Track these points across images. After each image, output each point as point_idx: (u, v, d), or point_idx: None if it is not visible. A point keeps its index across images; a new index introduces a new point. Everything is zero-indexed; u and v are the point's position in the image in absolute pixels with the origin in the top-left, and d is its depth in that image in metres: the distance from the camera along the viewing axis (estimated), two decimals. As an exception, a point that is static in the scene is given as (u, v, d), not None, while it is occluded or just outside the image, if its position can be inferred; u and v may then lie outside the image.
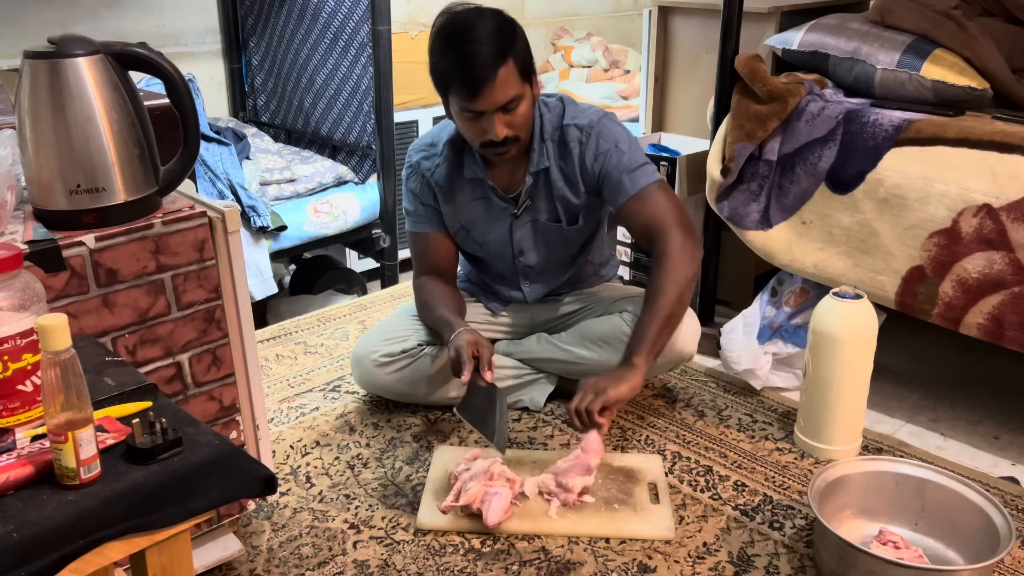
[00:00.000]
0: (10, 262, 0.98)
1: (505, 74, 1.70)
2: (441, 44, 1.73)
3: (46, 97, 1.26)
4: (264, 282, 2.64)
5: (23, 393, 1.00)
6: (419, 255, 2.05)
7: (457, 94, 1.72)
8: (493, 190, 1.93)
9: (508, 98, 1.72)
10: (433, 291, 1.99)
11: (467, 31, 1.69)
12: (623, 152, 1.86)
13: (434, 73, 1.77)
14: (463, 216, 1.99)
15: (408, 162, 2.01)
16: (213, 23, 3.25)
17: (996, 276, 1.85)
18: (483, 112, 1.73)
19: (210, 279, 1.42)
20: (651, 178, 1.86)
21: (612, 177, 1.87)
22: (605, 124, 1.89)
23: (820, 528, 1.53)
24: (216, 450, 0.98)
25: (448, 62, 1.71)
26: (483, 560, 1.59)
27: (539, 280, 2.09)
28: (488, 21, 1.71)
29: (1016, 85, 2.11)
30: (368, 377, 2.04)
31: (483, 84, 1.68)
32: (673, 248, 1.80)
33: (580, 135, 1.88)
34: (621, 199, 1.87)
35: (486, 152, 1.83)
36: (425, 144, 1.99)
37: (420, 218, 2.01)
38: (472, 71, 1.67)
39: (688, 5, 2.70)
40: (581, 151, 1.88)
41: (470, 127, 1.78)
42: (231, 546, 1.56)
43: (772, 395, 2.19)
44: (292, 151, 3.13)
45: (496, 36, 1.70)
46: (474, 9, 1.75)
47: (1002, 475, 1.90)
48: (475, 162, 1.92)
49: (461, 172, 1.94)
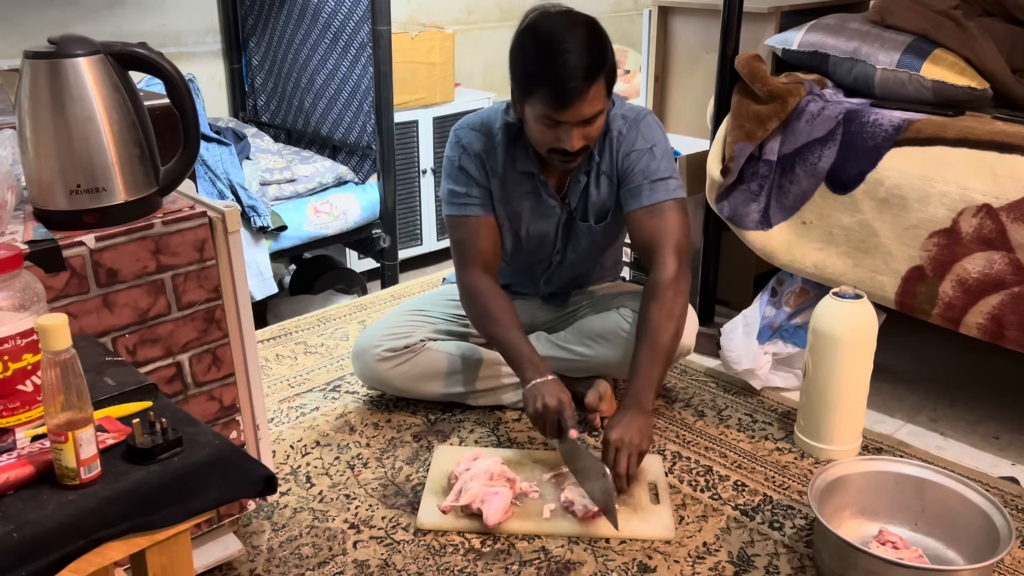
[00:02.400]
0: (10, 262, 0.98)
1: (596, 91, 1.67)
2: (534, 46, 1.68)
3: (46, 97, 1.26)
4: (264, 282, 2.64)
5: (23, 393, 1.00)
6: (466, 242, 1.92)
7: (542, 102, 1.68)
8: (545, 187, 1.90)
9: (593, 113, 1.70)
10: (497, 304, 1.88)
11: (563, 40, 1.64)
12: (655, 157, 1.84)
13: (520, 75, 1.72)
14: (510, 208, 1.94)
15: (458, 141, 1.91)
16: (213, 23, 3.25)
17: (996, 276, 1.85)
18: (564, 123, 1.70)
19: (210, 279, 1.42)
20: (671, 194, 1.84)
21: (633, 180, 1.85)
22: (649, 121, 1.88)
23: (820, 528, 1.53)
24: (216, 450, 0.98)
25: (539, 68, 1.66)
26: (483, 560, 1.59)
27: (559, 277, 2.08)
28: (584, 30, 1.67)
29: (1016, 85, 2.11)
30: (369, 372, 2.04)
31: (575, 98, 1.65)
32: (668, 280, 1.79)
33: (623, 125, 1.86)
34: (633, 205, 1.85)
35: (551, 158, 1.79)
36: (477, 124, 1.91)
37: (472, 200, 1.90)
38: (565, 84, 1.63)
39: (688, 5, 2.70)
40: (619, 141, 1.86)
41: (544, 132, 1.74)
42: (231, 546, 1.56)
43: (772, 395, 2.19)
44: (292, 151, 3.13)
45: (592, 49, 1.66)
46: (567, 13, 1.71)
47: (1002, 475, 1.90)
48: (528, 156, 1.87)
49: (514, 163, 1.89)
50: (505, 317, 1.87)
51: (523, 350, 1.82)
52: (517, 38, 1.73)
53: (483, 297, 1.89)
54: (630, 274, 2.71)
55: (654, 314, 1.78)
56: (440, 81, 3.32)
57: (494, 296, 1.90)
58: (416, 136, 3.29)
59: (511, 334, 1.85)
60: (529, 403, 1.75)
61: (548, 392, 1.73)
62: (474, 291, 1.91)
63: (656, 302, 1.79)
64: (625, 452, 1.68)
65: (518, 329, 1.86)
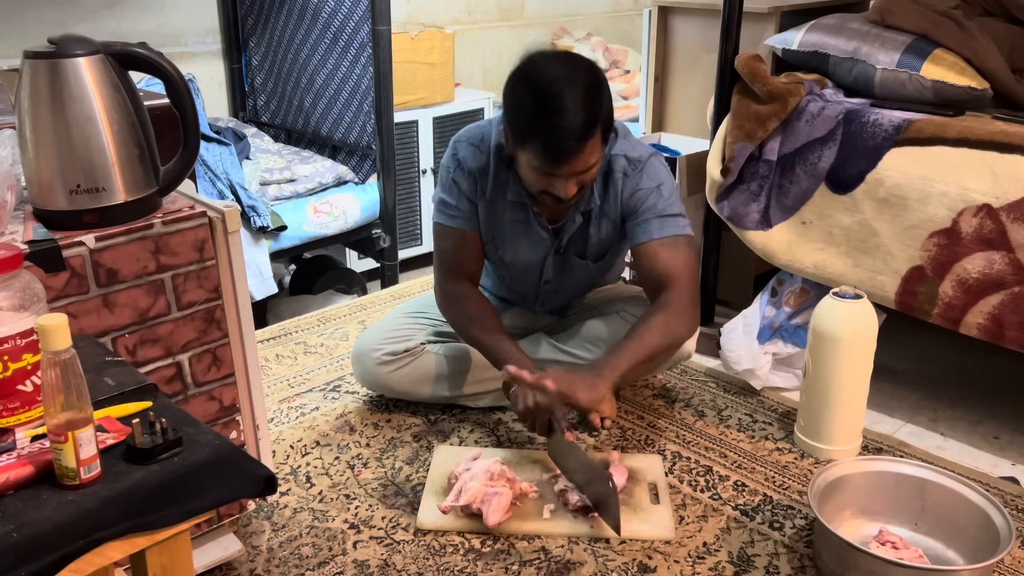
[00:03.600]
0: (10, 262, 0.98)
1: (592, 146, 1.63)
2: (529, 98, 1.61)
3: (46, 97, 1.26)
4: (264, 282, 2.64)
5: (23, 393, 1.00)
6: (450, 252, 1.92)
7: (536, 155, 1.64)
8: (538, 219, 1.87)
9: (588, 166, 1.66)
10: (483, 310, 1.89)
11: (560, 94, 1.58)
12: (662, 195, 1.81)
13: (515, 125, 1.66)
14: (497, 232, 1.91)
15: (454, 153, 1.88)
16: (213, 23, 3.25)
17: (996, 276, 1.85)
18: (558, 176, 1.66)
19: (210, 279, 1.42)
20: (682, 230, 1.81)
21: (641, 215, 1.81)
22: (654, 163, 1.84)
23: (820, 528, 1.53)
24: (216, 450, 0.98)
25: (534, 124, 1.61)
26: (483, 560, 1.59)
27: (552, 300, 2.08)
28: (580, 81, 1.61)
29: (1016, 85, 2.11)
30: (369, 375, 2.04)
31: (569, 156, 1.62)
32: (680, 305, 1.77)
33: (627, 166, 1.82)
34: (643, 238, 1.81)
35: (543, 198, 1.75)
36: (476, 138, 1.87)
37: (461, 214, 1.89)
38: (560, 143, 1.60)
39: (688, 5, 2.70)
40: (624, 183, 1.82)
41: (537, 179, 1.69)
42: (231, 546, 1.56)
43: (772, 395, 2.19)
44: (292, 151, 3.13)
45: (588, 103, 1.60)
46: (565, 62, 1.65)
47: (1002, 475, 1.90)
48: (521, 187, 1.82)
49: (505, 190, 1.85)
50: (486, 320, 1.87)
51: (508, 350, 1.83)
52: (512, 84, 1.66)
53: (464, 302, 1.90)
54: (630, 274, 2.71)
55: (654, 318, 1.77)
56: (440, 81, 3.32)
57: (474, 300, 1.90)
58: (416, 136, 3.29)
59: (494, 336, 1.85)
60: (519, 401, 1.75)
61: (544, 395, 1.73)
62: (454, 297, 1.91)
63: (661, 311, 1.77)
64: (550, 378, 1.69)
65: (501, 330, 1.87)
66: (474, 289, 1.94)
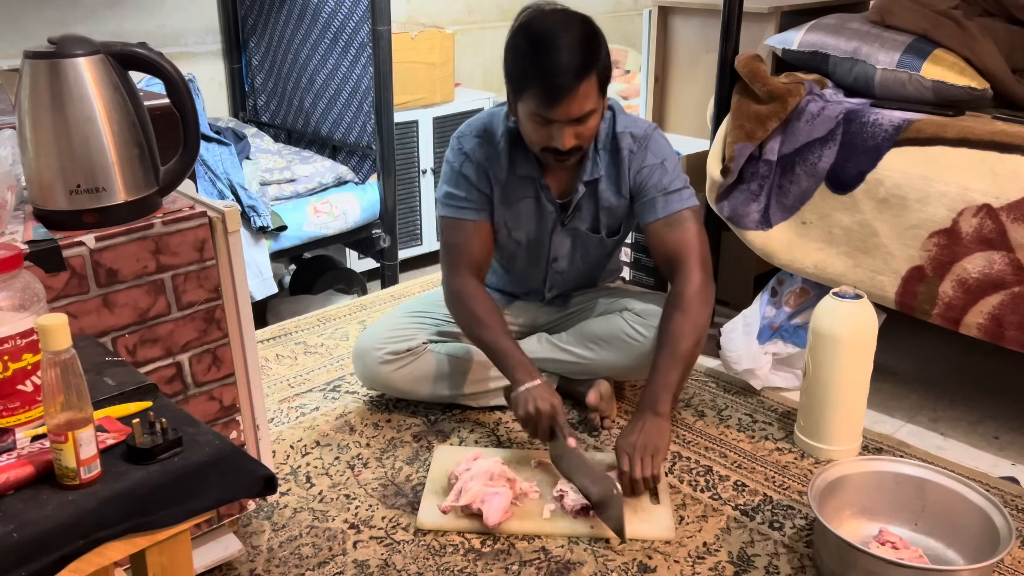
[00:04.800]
0: (10, 262, 0.98)
1: (587, 88, 1.66)
2: (525, 44, 1.67)
3: (46, 97, 1.26)
4: (264, 282, 2.64)
5: (23, 393, 1.00)
6: (458, 245, 1.92)
7: (533, 99, 1.67)
8: (546, 192, 1.89)
9: (584, 111, 1.68)
10: (487, 308, 1.89)
11: (555, 37, 1.63)
12: (667, 171, 1.85)
13: (512, 72, 1.71)
14: (510, 213, 1.93)
15: (459, 147, 1.90)
16: (213, 23, 3.25)
17: (996, 276, 1.85)
18: (556, 121, 1.69)
19: (210, 279, 1.42)
20: (685, 203, 1.84)
21: (647, 194, 1.85)
22: (657, 137, 1.88)
23: (820, 528, 1.53)
24: (216, 450, 0.98)
25: (530, 65, 1.65)
26: (483, 560, 1.59)
27: (562, 285, 2.08)
28: (577, 29, 1.66)
29: (1016, 85, 2.11)
30: (370, 374, 2.04)
31: (564, 95, 1.64)
32: (694, 291, 1.78)
33: (633, 144, 1.85)
34: (650, 218, 1.85)
35: (544, 156, 1.78)
36: (479, 130, 1.90)
37: (470, 204, 1.89)
38: (555, 81, 1.62)
39: (688, 5, 2.70)
40: (631, 159, 1.85)
41: (537, 131, 1.73)
42: (231, 546, 1.56)
43: (772, 395, 2.19)
44: (292, 151, 3.13)
45: (583, 46, 1.64)
46: (562, 12, 1.70)
47: (1002, 475, 1.90)
48: (529, 160, 1.86)
49: (515, 168, 1.88)
50: (492, 320, 1.87)
51: (512, 353, 1.83)
52: (511, 37, 1.72)
53: (470, 301, 1.89)
54: (630, 274, 2.71)
55: (678, 323, 1.77)
56: (440, 81, 3.32)
57: (481, 300, 1.90)
58: (416, 136, 3.29)
59: (499, 338, 1.85)
60: (520, 407, 1.75)
61: (540, 396, 1.73)
62: (461, 295, 1.90)
63: (681, 312, 1.78)
64: (638, 456, 1.66)
65: (506, 333, 1.87)
66: (480, 287, 1.93)
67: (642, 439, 1.68)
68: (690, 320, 1.77)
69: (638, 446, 1.67)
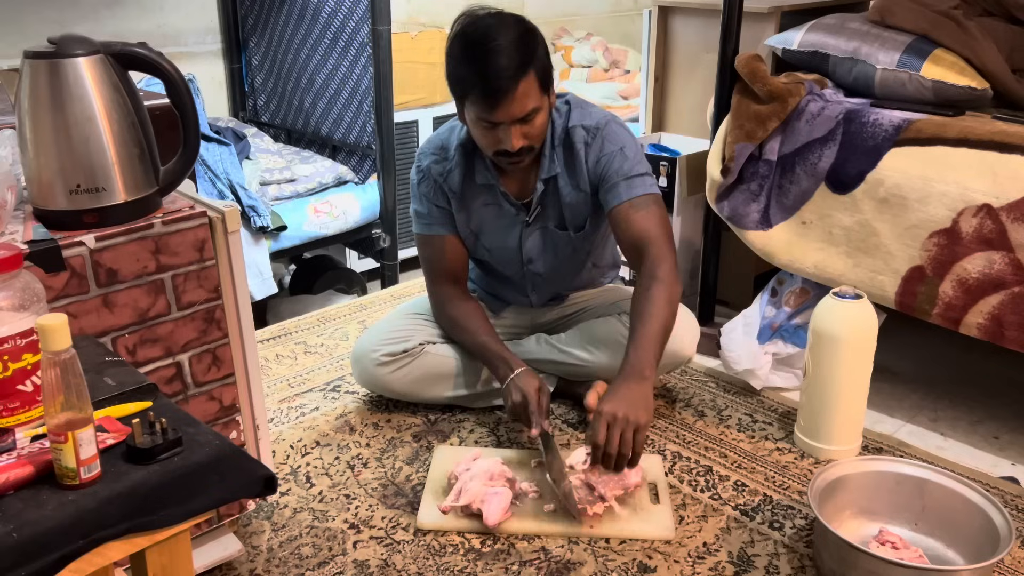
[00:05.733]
0: (10, 262, 0.98)
1: (525, 87, 1.67)
2: (461, 50, 1.69)
3: (46, 97, 1.26)
4: (264, 282, 2.64)
5: (23, 393, 1.00)
6: (433, 259, 2.00)
7: (475, 103, 1.69)
8: (505, 196, 1.91)
9: (526, 111, 1.70)
10: (466, 312, 1.95)
11: (489, 40, 1.65)
12: (627, 157, 1.85)
13: (452, 79, 1.73)
14: (474, 221, 1.96)
15: (418, 165, 1.97)
16: (213, 23, 3.25)
17: (996, 276, 1.85)
18: (500, 123, 1.70)
19: (210, 279, 1.42)
20: (648, 189, 1.84)
21: (610, 180, 1.85)
22: (612, 127, 1.87)
23: (820, 528, 1.53)
24: (216, 450, 0.98)
25: (468, 71, 1.67)
26: (483, 560, 1.59)
27: (545, 287, 2.08)
28: (510, 30, 1.67)
29: (1016, 85, 2.11)
30: (368, 376, 2.04)
31: (503, 96, 1.65)
32: (667, 269, 1.77)
33: (587, 136, 1.86)
34: (613, 203, 1.85)
35: (499, 160, 1.80)
36: (435, 147, 1.95)
37: (434, 220, 1.96)
38: (492, 83, 1.64)
39: (688, 5, 2.70)
40: (586, 152, 1.86)
41: (485, 136, 1.75)
42: (231, 546, 1.56)
43: (772, 395, 2.19)
44: (292, 151, 3.13)
45: (518, 47, 1.66)
46: (496, 15, 1.71)
47: (1002, 475, 1.90)
48: (487, 167, 1.89)
49: (473, 177, 1.91)
50: (473, 322, 1.93)
51: (495, 350, 1.87)
52: (448, 45, 1.73)
53: (451, 307, 1.97)
54: (630, 274, 2.71)
55: (653, 296, 1.73)
56: (440, 81, 3.29)
57: (459, 305, 1.96)
58: (416, 136, 3.29)
59: (481, 338, 1.90)
60: (507, 399, 1.80)
61: (522, 383, 1.79)
62: (443, 302, 1.99)
63: (656, 285, 1.74)
64: (619, 427, 1.58)
65: (487, 332, 1.92)
66: (460, 291, 1.99)
67: (623, 408, 1.59)
68: (666, 292, 1.74)
69: (619, 416, 1.58)
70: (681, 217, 2.58)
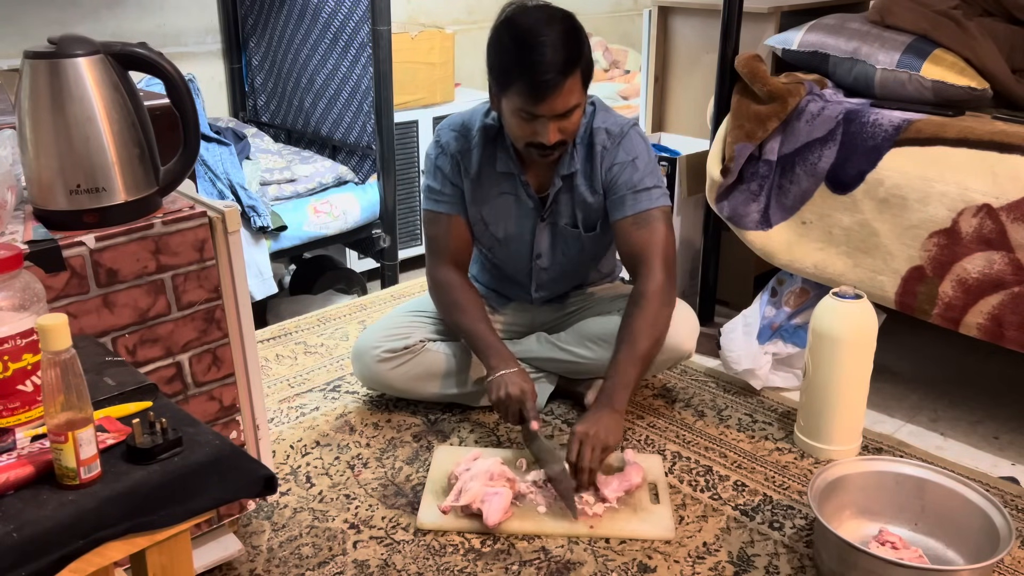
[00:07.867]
0: (10, 262, 0.98)
1: (571, 83, 1.68)
2: (510, 40, 1.68)
3: (46, 97, 1.26)
4: (264, 282, 2.64)
5: (23, 393, 1.00)
6: (437, 238, 1.98)
7: (519, 94, 1.68)
8: (525, 188, 1.91)
9: (569, 107, 1.70)
10: (465, 296, 1.94)
11: (539, 33, 1.65)
12: (637, 169, 1.85)
13: (497, 68, 1.72)
14: (486, 208, 1.95)
15: (437, 140, 1.96)
16: (213, 23, 3.25)
17: (996, 276, 1.85)
18: (541, 116, 1.70)
19: (210, 279, 1.42)
20: (655, 203, 1.85)
21: (617, 191, 1.86)
22: (632, 135, 1.88)
23: (820, 528, 1.53)
24: (216, 450, 0.98)
25: (515, 61, 1.66)
26: (483, 560, 1.60)
27: (549, 284, 2.08)
28: (560, 25, 1.68)
29: (1016, 85, 2.11)
30: (369, 373, 2.04)
31: (550, 91, 1.66)
32: (655, 291, 1.80)
33: (607, 140, 1.87)
34: (617, 215, 1.86)
35: (529, 152, 1.80)
36: (457, 125, 1.94)
37: (445, 198, 1.95)
38: (540, 76, 1.64)
39: (688, 5, 2.70)
40: (603, 156, 1.87)
41: (522, 126, 1.74)
42: (231, 546, 1.56)
43: (772, 395, 2.19)
44: (292, 151, 3.13)
45: (567, 42, 1.66)
46: (545, 8, 1.72)
47: (1002, 475, 1.90)
48: (509, 156, 1.88)
49: (492, 163, 1.90)
50: (471, 307, 1.93)
51: (489, 339, 1.88)
52: (494, 32, 1.73)
53: (451, 288, 1.96)
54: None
55: (637, 321, 1.79)
56: (440, 81, 3.32)
57: (462, 288, 1.95)
58: (416, 136, 3.29)
59: (477, 324, 1.90)
60: (493, 391, 1.81)
61: (512, 382, 1.79)
62: (442, 283, 1.97)
63: (640, 310, 1.80)
64: (589, 445, 1.68)
65: (484, 320, 1.92)
66: (461, 276, 1.99)
67: (595, 430, 1.69)
68: (649, 319, 1.79)
69: (591, 435, 1.69)
70: (681, 217, 2.58)
